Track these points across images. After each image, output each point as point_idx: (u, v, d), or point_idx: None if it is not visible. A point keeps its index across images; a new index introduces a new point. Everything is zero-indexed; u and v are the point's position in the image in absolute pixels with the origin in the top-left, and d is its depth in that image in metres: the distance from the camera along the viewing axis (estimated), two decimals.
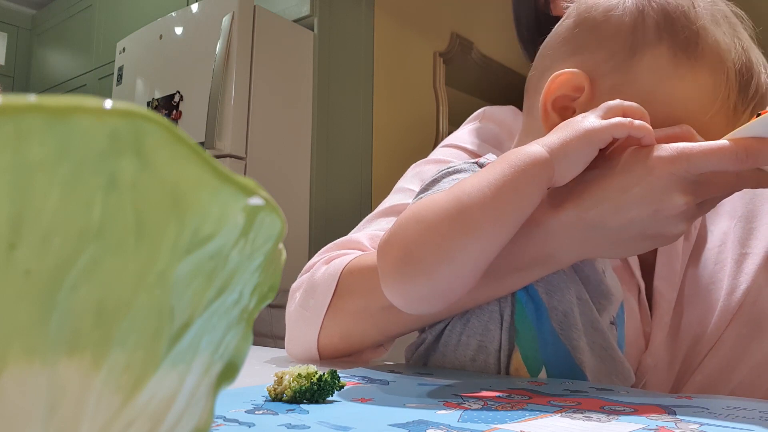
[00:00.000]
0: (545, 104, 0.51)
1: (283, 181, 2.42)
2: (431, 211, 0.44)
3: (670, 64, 0.49)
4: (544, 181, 0.43)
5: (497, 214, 0.43)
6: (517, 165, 0.43)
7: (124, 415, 0.14)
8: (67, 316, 0.13)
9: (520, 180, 0.43)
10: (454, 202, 0.43)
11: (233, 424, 0.31)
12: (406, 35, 3.01)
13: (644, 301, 0.61)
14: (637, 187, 0.43)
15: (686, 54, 0.48)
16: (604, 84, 0.50)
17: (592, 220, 0.45)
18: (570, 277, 0.50)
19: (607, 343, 0.50)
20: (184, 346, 0.15)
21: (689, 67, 0.48)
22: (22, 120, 0.11)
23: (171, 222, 0.14)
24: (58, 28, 3.76)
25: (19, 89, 3.78)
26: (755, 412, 0.35)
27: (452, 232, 0.43)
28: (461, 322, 0.52)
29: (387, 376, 0.48)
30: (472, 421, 0.32)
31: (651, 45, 0.49)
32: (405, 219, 0.46)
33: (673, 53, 0.49)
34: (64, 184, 0.12)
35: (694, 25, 0.49)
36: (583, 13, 0.52)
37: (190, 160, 0.14)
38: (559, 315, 0.49)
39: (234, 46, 2.29)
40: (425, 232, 0.44)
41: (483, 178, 0.44)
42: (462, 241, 0.43)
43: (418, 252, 0.44)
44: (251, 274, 0.17)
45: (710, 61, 0.48)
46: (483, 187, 0.43)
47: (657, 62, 0.49)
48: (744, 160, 0.41)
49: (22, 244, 0.12)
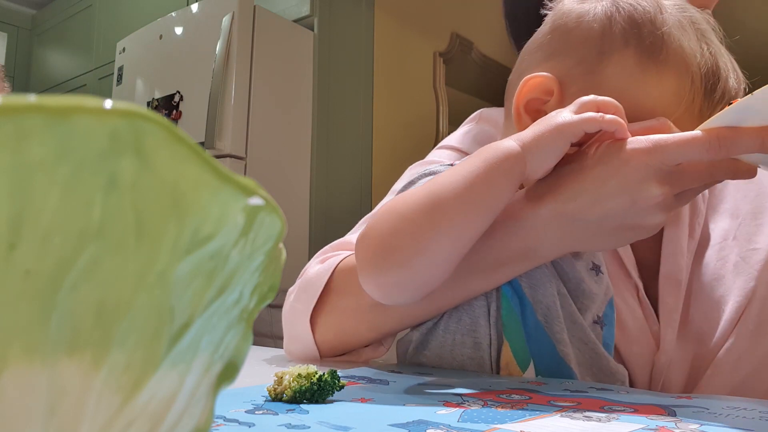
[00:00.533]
0: (518, 107, 0.53)
1: (283, 181, 2.42)
2: (406, 205, 0.45)
3: (636, 68, 0.50)
4: (516, 174, 0.45)
5: (469, 206, 0.44)
6: (490, 159, 0.45)
7: (124, 415, 0.14)
8: (67, 316, 0.13)
9: (492, 173, 0.44)
10: (428, 195, 0.45)
11: (233, 424, 0.31)
12: (406, 35, 3.01)
13: (645, 300, 0.61)
14: (614, 179, 0.44)
15: (651, 58, 0.50)
16: (574, 88, 0.51)
17: (571, 212, 0.46)
18: (551, 272, 0.52)
19: (587, 338, 0.51)
20: (184, 346, 0.15)
21: (655, 71, 0.50)
22: (22, 120, 0.11)
23: (171, 222, 0.14)
24: (58, 28, 3.76)
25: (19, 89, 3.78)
26: (755, 412, 0.35)
27: (425, 223, 0.44)
28: (453, 320, 0.52)
29: (387, 376, 0.48)
30: (472, 421, 0.32)
31: (618, 50, 0.51)
32: (381, 213, 0.47)
33: (639, 58, 0.50)
34: (64, 184, 0.12)
35: (659, 31, 0.50)
36: (557, 20, 0.54)
37: (190, 160, 0.14)
38: (543, 308, 0.50)
39: (234, 46, 2.29)
40: (399, 224, 0.45)
41: (457, 172, 0.45)
42: (435, 232, 0.44)
43: (393, 242, 0.45)
44: (251, 274, 0.17)
45: (675, 66, 0.50)
46: (456, 181, 0.45)
47: (624, 66, 0.50)
48: (717, 149, 0.42)
49: (22, 244, 0.12)
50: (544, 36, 0.55)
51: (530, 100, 0.53)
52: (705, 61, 0.50)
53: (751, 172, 0.44)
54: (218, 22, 2.32)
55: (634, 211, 0.44)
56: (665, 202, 0.44)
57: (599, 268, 0.55)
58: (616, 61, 0.51)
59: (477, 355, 0.51)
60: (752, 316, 0.59)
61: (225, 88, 2.27)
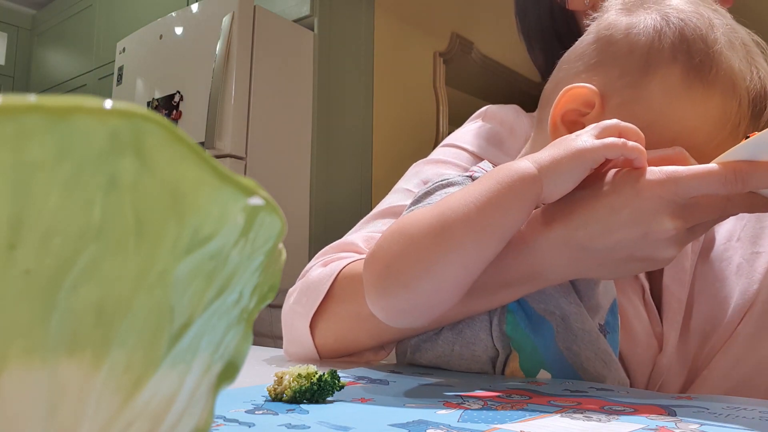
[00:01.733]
0: (554, 117, 0.51)
1: (283, 181, 2.42)
2: (415, 226, 0.44)
3: (682, 86, 0.48)
4: (532, 198, 0.43)
5: (479, 230, 0.43)
6: (504, 182, 0.43)
7: (124, 415, 0.14)
8: (67, 316, 0.13)
9: (505, 197, 0.43)
10: (438, 217, 0.43)
11: (233, 424, 0.31)
12: (406, 35, 3.01)
13: (650, 302, 0.61)
14: (626, 209, 0.43)
15: (699, 77, 0.48)
16: (615, 101, 0.50)
17: (581, 240, 0.44)
18: (566, 286, 0.51)
19: (601, 349, 0.51)
20: (184, 346, 0.15)
21: (701, 90, 0.48)
22: (22, 120, 0.11)
23: (171, 222, 0.14)
24: (58, 28, 3.76)
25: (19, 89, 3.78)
26: (755, 412, 0.35)
27: (434, 246, 0.43)
28: (454, 332, 0.52)
29: (387, 376, 0.48)
30: (472, 421, 0.32)
31: (664, 65, 0.49)
32: (390, 232, 0.46)
33: (686, 75, 0.48)
34: (64, 184, 0.12)
35: (710, 49, 0.48)
36: (603, 30, 0.52)
37: (190, 160, 0.14)
38: (557, 319, 0.50)
39: (234, 46, 2.29)
40: (407, 246, 0.44)
41: (469, 193, 0.44)
42: (443, 256, 0.43)
43: (399, 265, 0.44)
44: (251, 274, 0.17)
45: (723, 86, 0.48)
46: (468, 203, 0.43)
47: (669, 82, 0.48)
48: (733, 183, 0.41)
49: (22, 244, 0.12)
50: (587, 46, 0.53)
51: (568, 111, 0.51)
52: (754, 84, 0.48)
53: (767, 206, 0.43)
54: (218, 22, 2.32)
55: (645, 243, 0.43)
56: (678, 236, 0.43)
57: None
58: (662, 76, 0.49)
59: (476, 367, 0.51)
60: (753, 320, 0.59)
61: (225, 88, 2.27)
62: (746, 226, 0.64)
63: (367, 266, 0.46)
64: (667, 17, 0.50)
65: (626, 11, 0.52)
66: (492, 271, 0.46)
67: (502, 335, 0.50)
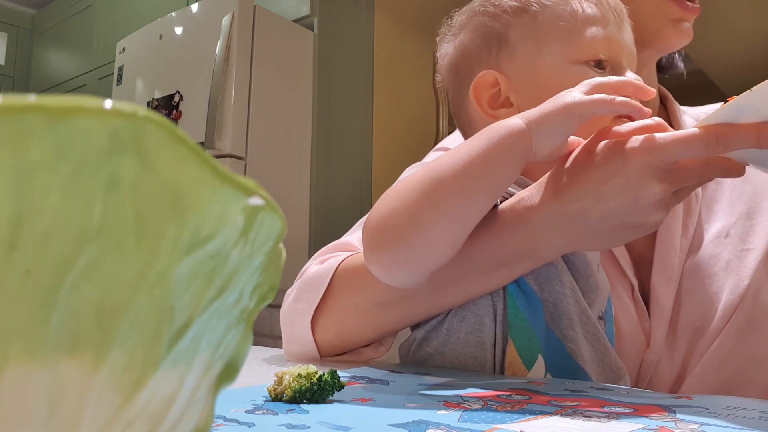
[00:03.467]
0: (485, 110, 0.57)
1: (283, 181, 2.42)
2: (408, 184, 0.46)
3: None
4: (521, 153, 0.45)
5: (468, 184, 0.45)
6: (493, 138, 0.45)
7: (124, 415, 0.14)
8: (67, 316, 0.13)
9: (494, 152, 0.45)
10: (429, 173, 0.46)
11: (233, 424, 0.31)
12: (406, 35, 3.01)
13: (639, 299, 0.62)
14: (616, 178, 0.44)
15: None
16: (502, 64, 0.57)
17: (574, 212, 0.46)
18: (561, 269, 0.52)
19: (599, 333, 0.51)
20: (184, 346, 0.15)
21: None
22: (22, 120, 0.11)
23: (171, 222, 0.14)
24: (58, 28, 3.76)
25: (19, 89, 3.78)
26: (755, 412, 0.35)
27: (424, 200, 0.45)
28: (457, 318, 0.52)
29: (387, 376, 0.48)
30: (472, 421, 0.32)
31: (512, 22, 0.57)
32: (385, 194, 0.48)
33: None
34: (64, 184, 0.12)
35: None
36: (448, 59, 0.61)
37: (190, 160, 0.14)
38: (549, 306, 0.50)
39: (234, 46, 2.29)
40: (399, 201, 0.46)
41: (460, 150, 0.46)
42: (433, 209, 0.44)
43: (392, 218, 0.46)
44: (251, 274, 0.17)
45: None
46: (458, 159, 0.45)
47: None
48: (715, 145, 0.42)
49: (22, 244, 0.12)
50: (452, 67, 0.61)
51: (488, 98, 0.57)
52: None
53: (741, 170, 0.45)
54: (218, 22, 2.31)
55: (635, 210, 0.45)
56: (665, 200, 0.45)
57: (599, 264, 0.55)
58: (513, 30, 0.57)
59: (480, 355, 0.51)
60: (742, 315, 0.60)
61: (225, 88, 2.27)
62: (736, 223, 0.66)
63: (365, 227, 0.48)
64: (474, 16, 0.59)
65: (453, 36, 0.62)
66: (488, 249, 0.48)
67: (504, 320, 0.51)
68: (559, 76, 0.55)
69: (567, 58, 0.55)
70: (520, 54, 0.57)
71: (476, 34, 0.59)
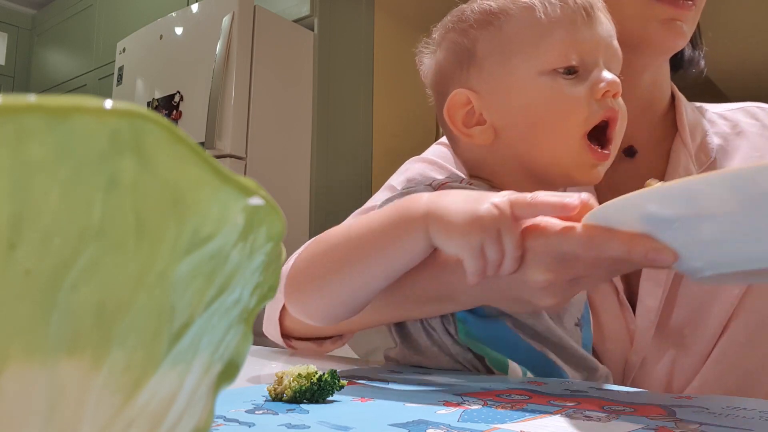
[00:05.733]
0: (459, 130, 0.58)
1: (283, 181, 2.42)
2: (324, 241, 0.50)
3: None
4: (419, 240, 0.45)
5: (363, 256, 0.47)
6: (395, 219, 0.46)
7: (124, 415, 0.14)
8: (67, 316, 0.13)
9: (391, 232, 0.46)
10: (341, 236, 0.49)
11: (233, 424, 0.31)
12: (406, 35, 3.01)
13: (624, 300, 0.63)
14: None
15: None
16: (472, 81, 0.57)
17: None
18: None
19: (569, 342, 0.52)
20: (184, 346, 0.15)
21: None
22: (22, 120, 0.11)
23: (171, 222, 0.14)
24: (58, 28, 3.76)
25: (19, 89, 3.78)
26: (755, 412, 0.35)
27: (327, 265, 0.49)
28: (423, 332, 0.54)
29: (387, 375, 0.48)
30: (472, 421, 0.32)
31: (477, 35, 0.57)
32: (311, 243, 0.52)
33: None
34: (64, 184, 0.12)
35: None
36: (428, 79, 0.64)
37: (190, 160, 0.14)
38: (514, 320, 0.51)
39: (234, 46, 2.29)
40: (311, 262, 0.50)
41: (372, 218, 0.48)
42: (333, 279, 0.48)
43: (301, 278, 0.50)
44: (251, 274, 0.17)
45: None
46: (363, 228, 0.47)
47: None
48: (589, 248, 0.39)
49: (22, 243, 0.12)
50: (432, 85, 0.63)
51: (462, 116, 0.57)
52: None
53: (667, 263, 0.39)
54: (218, 22, 2.31)
55: (526, 289, 0.43)
56: (553, 288, 0.42)
57: None
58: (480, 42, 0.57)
59: (458, 365, 0.52)
60: (741, 328, 0.60)
61: (225, 88, 2.27)
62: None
63: (288, 271, 0.52)
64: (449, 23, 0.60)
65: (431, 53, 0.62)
66: (417, 283, 0.49)
67: (461, 341, 0.52)
68: (528, 89, 0.55)
69: (534, 69, 0.54)
70: (488, 69, 0.57)
71: (449, 52, 0.59)
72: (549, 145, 0.56)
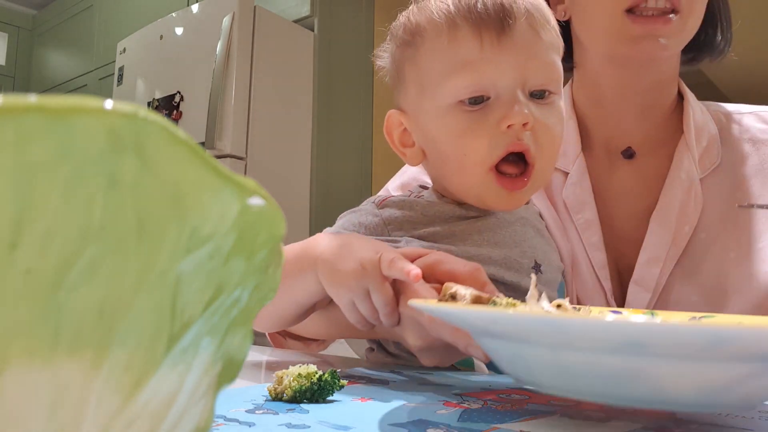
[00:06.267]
0: (397, 148, 0.60)
1: (283, 181, 2.42)
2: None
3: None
4: (312, 281, 0.48)
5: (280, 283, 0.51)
6: (299, 256, 0.50)
7: (125, 414, 0.14)
8: (67, 316, 0.13)
9: (293, 268, 0.49)
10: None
11: (233, 424, 0.31)
12: None
13: (613, 303, 0.64)
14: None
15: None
16: (402, 102, 0.59)
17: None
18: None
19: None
20: (184, 346, 0.15)
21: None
22: (22, 120, 0.11)
23: (171, 222, 0.14)
24: (58, 29, 3.76)
25: (19, 89, 3.78)
26: (755, 412, 0.35)
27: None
28: (392, 343, 0.57)
29: (387, 376, 0.48)
30: (472, 421, 0.32)
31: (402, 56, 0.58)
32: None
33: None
34: (64, 184, 0.12)
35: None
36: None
37: (190, 161, 0.14)
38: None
39: (234, 46, 2.29)
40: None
41: (288, 249, 0.50)
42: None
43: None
44: (251, 274, 0.17)
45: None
46: (287, 254, 0.51)
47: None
48: (433, 329, 0.44)
49: (23, 243, 0.12)
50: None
51: (398, 135, 0.60)
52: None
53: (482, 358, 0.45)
54: (218, 22, 2.31)
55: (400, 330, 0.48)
56: (431, 352, 0.47)
57: (540, 267, 0.57)
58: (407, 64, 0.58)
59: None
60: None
61: (225, 88, 2.27)
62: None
63: None
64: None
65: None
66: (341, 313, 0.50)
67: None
68: (435, 121, 0.55)
69: (441, 101, 0.54)
70: (411, 94, 0.57)
71: (390, 66, 0.60)
72: (457, 178, 0.57)
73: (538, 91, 0.53)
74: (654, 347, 0.25)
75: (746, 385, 0.27)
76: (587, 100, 0.71)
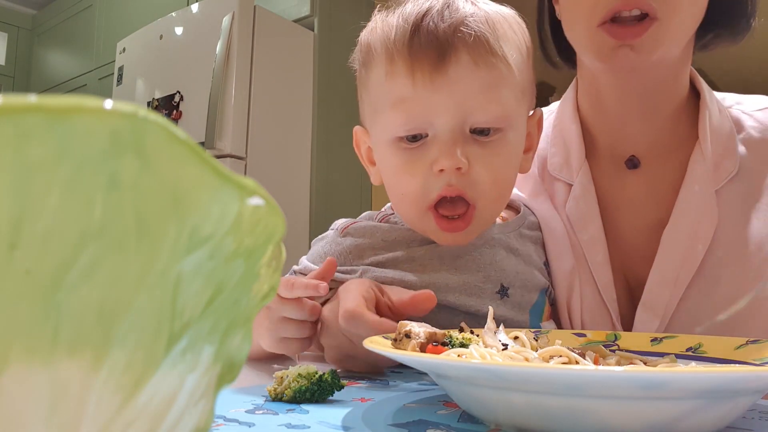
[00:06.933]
0: (365, 163, 0.61)
1: (283, 181, 2.42)
2: None
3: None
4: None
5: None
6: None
7: (125, 414, 0.14)
8: (67, 316, 0.13)
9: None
10: None
11: (233, 424, 0.31)
12: None
13: (618, 327, 0.61)
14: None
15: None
16: (364, 118, 0.59)
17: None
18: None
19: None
20: (184, 346, 0.15)
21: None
22: (22, 120, 0.11)
23: (171, 222, 0.14)
24: (58, 28, 3.76)
25: (19, 89, 3.78)
26: (755, 412, 0.35)
27: None
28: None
29: (387, 376, 0.48)
30: (472, 421, 0.32)
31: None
32: None
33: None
34: (64, 184, 0.12)
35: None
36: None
37: (190, 160, 0.14)
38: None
39: (234, 46, 2.29)
40: None
41: None
42: None
43: None
44: (251, 274, 0.17)
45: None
46: None
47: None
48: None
49: (22, 243, 0.12)
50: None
51: (365, 151, 0.60)
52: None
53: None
54: (218, 22, 2.31)
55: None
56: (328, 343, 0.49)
57: (506, 290, 0.56)
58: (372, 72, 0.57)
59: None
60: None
61: (225, 88, 2.27)
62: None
63: None
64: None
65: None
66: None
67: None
68: (381, 153, 0.56)
69: (385, 134, 0.54)
70: (366, 113, 0.57)
71: (357, 79, 0.60)
72: (400, 210, 0.57)
73: (481, 129, 0.51)
74: (592, 391, 0.26)
75: (695, 418, 0.27)
76: (589, 104, 0.67)
